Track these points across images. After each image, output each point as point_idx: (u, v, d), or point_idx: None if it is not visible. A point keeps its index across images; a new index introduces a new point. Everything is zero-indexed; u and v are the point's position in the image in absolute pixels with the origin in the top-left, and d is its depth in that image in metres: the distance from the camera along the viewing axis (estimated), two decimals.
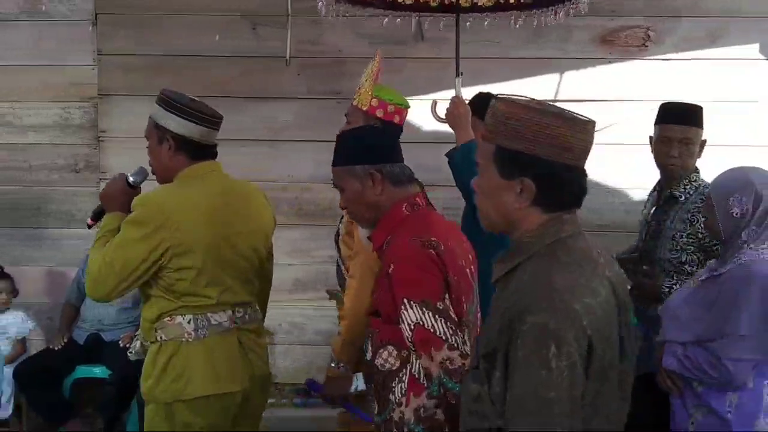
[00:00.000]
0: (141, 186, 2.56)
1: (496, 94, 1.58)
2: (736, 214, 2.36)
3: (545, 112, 1.47)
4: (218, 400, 2.38)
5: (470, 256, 2.17)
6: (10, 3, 4.72)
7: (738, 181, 2.40)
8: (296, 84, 4.46)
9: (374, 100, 2.78)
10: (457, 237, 2.18)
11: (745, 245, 2.36)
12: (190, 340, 2.36)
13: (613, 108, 4.29)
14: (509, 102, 1.50)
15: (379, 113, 2.77)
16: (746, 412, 2.32)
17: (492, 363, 1.43)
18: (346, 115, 2.93)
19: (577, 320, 1.36)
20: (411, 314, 1.93)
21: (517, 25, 3.47)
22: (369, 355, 2.16)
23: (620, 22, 4.39)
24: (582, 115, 1.49)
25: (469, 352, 1.91)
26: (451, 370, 1.89)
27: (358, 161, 2.13)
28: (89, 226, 2.67)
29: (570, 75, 4.40)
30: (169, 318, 2.38)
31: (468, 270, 2.12)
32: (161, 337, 2.39)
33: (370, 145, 2.17)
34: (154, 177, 2.55)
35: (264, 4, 4.41)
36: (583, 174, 1.51)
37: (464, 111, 2.96)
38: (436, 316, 1.91)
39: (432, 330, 1.91)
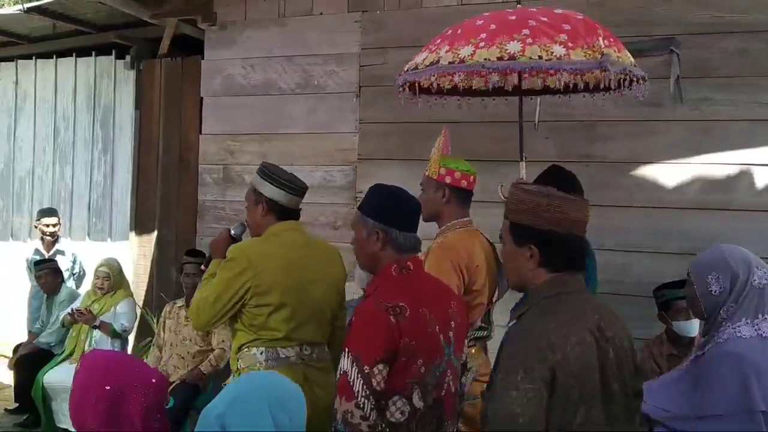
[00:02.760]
0: (241, 237, 3.07)
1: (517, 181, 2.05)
2: (715, 292, 2.41)
3: (545, 194, 1.91)
4: None
5: (453, 323, 2.35)
6: (289, 80, 5.33)
7: (715, 259, 2.45)
8: (545, 147, 4.46)
9: (442, 169, 3.08)
10: (439, 304, 2.33)
11: (724, 323, 2.39)
12: (261, 368, 2.76)
13: None
14: (519, 187, 1.99)
15: (448, 180, 3.06)
16: None
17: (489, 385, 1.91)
18: (420, 185, 3.17)
19: (543, 355, 1.76)
20: (344, 362, 2.19)
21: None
22: None
23: None
24: (578, 196, 2.00)
25: (372, 418, 2.13)
26: (349, 422, 2.13)
27: (372, 215, 2.38)
28: (202, 272, 3.13)
29: None
30: (246, 349, 2.82)
31: (442, 335, 2.29)
32: (240, 365, 2.83)
33: (387, 207, 2.40)
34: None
35: None
36: (580, 242, 1.94)
37: None
38: (359, 375, 2.14)
39: (351, 383, 2.14)
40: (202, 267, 3.22)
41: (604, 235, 4.33)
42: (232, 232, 3.10)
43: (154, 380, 1.94)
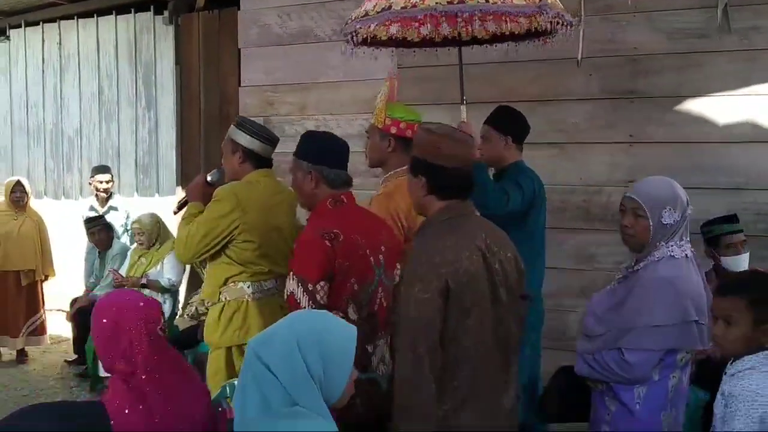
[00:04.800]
0: (216, 184, 3.26)
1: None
2: (668, 224, 2.52)
3: (438, 134, 2.25)
4: None
5: (383, 247, 2.70)
6: (326, 27, 5.29)
7: (667, 193, 2.56)
8: (588, 85, 4.37)
9: (388, 119, 3.12)
10: (370, 232, 2.68)
11: (659, 243, 2.54)
12: (249, 300, 3.11)
13: None
14: (422, 127, 2.34)
15: (393, 130, 3.12)
16: (653, 404, 2.51)
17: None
18: (366, 132, 3.31)
19: (437, 269, 2.09)
20: (290, 284, 2.52)
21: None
22: None
23: None
24: (464, 136, 2.33)
25: None
26: None
27: (304, 158, 2.69)
28: (174, 213, 3.45)
29: None
30: (233, 283, 3.12)
31: (373, 258, 2.65)
32: (225, 298, 3.13)
33: (317, 149, 2.70)
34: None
35: None
36: (468, 174, 2.25)
37: (472, 133, 3.08)
38: (305, 293, 2.49)
39: (298, 300, 2.49)
40: (175, 209, 3.49)
41: (650, 171, 4.24)
42: (209, 178, 3.31)
43: (142, 303, 2.18)
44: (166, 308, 5.03)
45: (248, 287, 3.13)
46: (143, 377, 2.11)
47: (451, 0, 2.76)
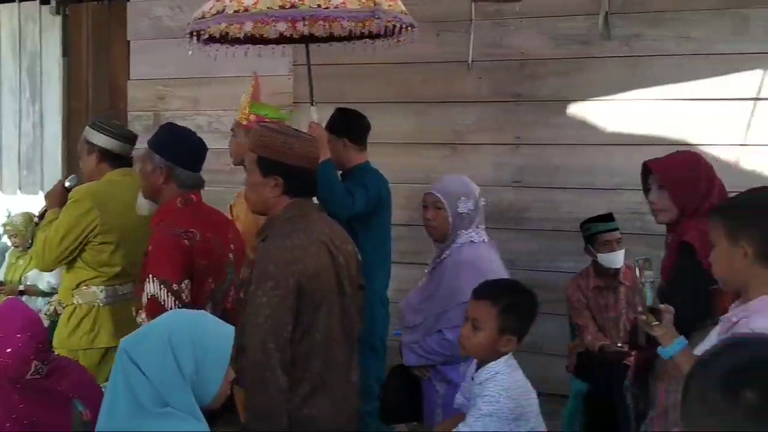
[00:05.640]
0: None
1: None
2: (464, 213, 2.87)
3: (286, 134, 2.28)
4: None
5: (232, 246, 2.75)
6: None
7: (460, 186, 2.93)
8: (478, 87, 4.47)
9: (252, 115, 3.20)
10: (220, 231, 2.72)
11: (459, 231, 2.87)
12: (101, 305, 3.07)
13: None
14: (265, 126, 2.37)
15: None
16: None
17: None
18: (231, 129, 3.36)
19: (288, 268, 2.14)
20: (150, 287, 2.47)
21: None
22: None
23: None
24: (309, 135, 2.47)
25: None
26: None
27: (159, 152, 2.64)
28: (37, 224, 3.43)
29: None
30: (85, 286, 3.08)
31: (226, 258, 2.70)
32: (77, 301, 3.08)
33: (175, 147, 2.65)
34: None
35: (448, 9, 4.48)
36: (313, 172, 2.31)
37: (320, 134, 3.20)
38: (169, 294, 2.46)
39: (162, 303, 2.45)
40: (36, 219, 3.47)
41: (535, 172, 4.39)
42: (67, 183, 3.30)
43: (9, 350, 2.11)
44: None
45: (101, 291, 3.09)
46: (7, 425, 2.07)
47: (283, 5, 2.77)
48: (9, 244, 5.52)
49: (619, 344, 3.55)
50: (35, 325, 2.23)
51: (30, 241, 4.94)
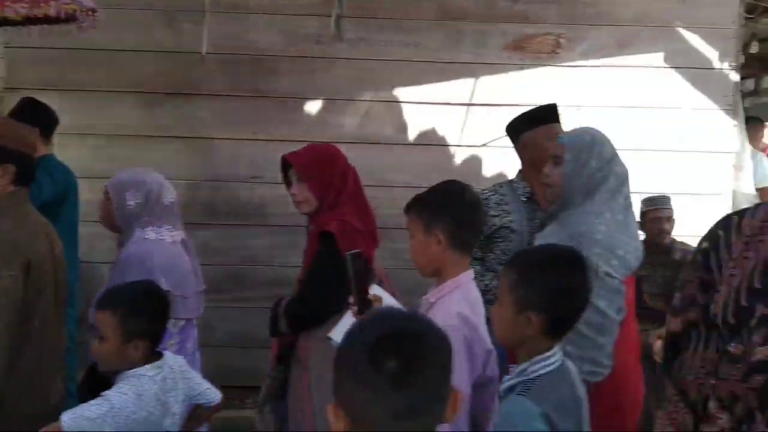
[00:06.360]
0: None
1: None
2: (131, 206, 2.74)
3: (12, 122, 2.57)
4: None
5: None
6: None
7: (132, 179, 2.80)
8: (213, 81, 4.40)
9: None
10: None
11: (135, 229, 2.75)
12: None
13: None
14: None
15: None
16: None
17: None
18: None
19: (17, 249, 2.23)
20: None
21: None
22: None
23: (533, 29, 4.50)
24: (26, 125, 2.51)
25: None
26: None
27: None
28: None
29: (485, 79, 4.49)
30: None
31: None
32: None
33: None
34: None
35: None
36: (31, 159, 2.41)
37: None
38: None
39: None
40: None
41: (272, 168, 4.40)
42: None
43: None
44: None
45: None
46: None
47: None
48: None
49: None
50: None
51: None
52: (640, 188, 4.26)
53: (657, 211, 3.83)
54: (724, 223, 1.25)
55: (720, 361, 1.15)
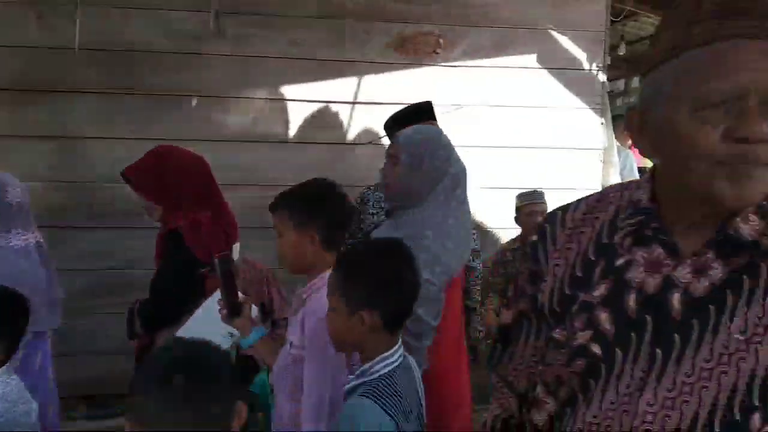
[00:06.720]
0: None
1: None
2: None
3: None
4: None
5: None
6: None
7: None
8: (88, 77, 4.22)
9: None
10: None
11: None
12: None
13: None
14: None
15: None
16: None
17: None
18: None
19: None
20: None
21: None
22: None
23: (414, 29, 4.58)
24: None
25: None
26: None
27: None
28: None
29: (368, 78, 4.54)
30: None
31: None
32: None
33: None
34: None
35: None
36: None
37: None
38: None
39: None
40: None
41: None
42: None
43: None
44: None
45: None
46: None
47: None
48: None
49: None
50: None
51: None
52: (514, 184, 4.49)
53: (533, 206, 3.98)
54: (551, 217, 1.33)
55: (546, 347, 1.22)
